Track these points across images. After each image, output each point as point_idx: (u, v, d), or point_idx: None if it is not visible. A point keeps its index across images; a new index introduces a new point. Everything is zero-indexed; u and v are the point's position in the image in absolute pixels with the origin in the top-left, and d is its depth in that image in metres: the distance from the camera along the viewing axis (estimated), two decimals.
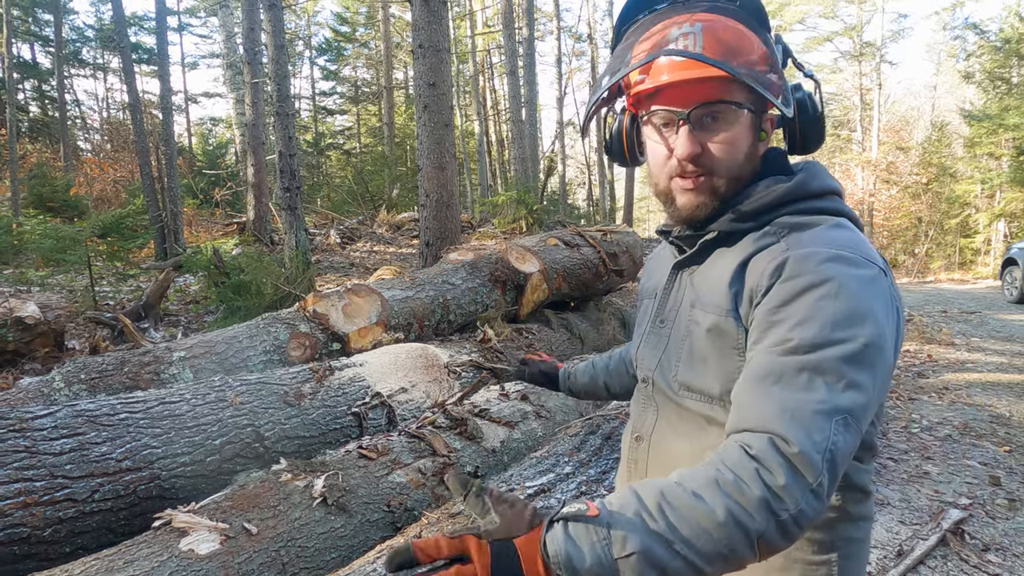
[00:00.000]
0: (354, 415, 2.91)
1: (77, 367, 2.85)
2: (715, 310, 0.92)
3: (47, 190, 10.94)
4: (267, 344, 3.35)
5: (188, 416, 2.35)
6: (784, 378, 0.78)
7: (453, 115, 6.01)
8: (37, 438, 1.97)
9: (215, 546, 1.79)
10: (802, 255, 0.85)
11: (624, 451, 1.12)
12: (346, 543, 2.07)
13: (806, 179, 0.96)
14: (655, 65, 0.94)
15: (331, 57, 26.47)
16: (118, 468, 2.06)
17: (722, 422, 0.91)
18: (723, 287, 0.92)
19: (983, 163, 20.96)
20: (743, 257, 0.92)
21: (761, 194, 0.95)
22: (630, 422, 1.11)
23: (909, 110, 31.81)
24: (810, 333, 0.79)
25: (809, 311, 0.80)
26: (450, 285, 4.28)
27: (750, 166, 0.97)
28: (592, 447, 2.20)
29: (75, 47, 22.50)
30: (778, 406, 0.76)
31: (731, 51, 0.88)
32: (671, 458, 0.98)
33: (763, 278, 0.87)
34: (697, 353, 0.95)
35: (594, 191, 21.09)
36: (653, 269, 1.18)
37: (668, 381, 0.99)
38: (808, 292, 0.82)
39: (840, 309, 0.80)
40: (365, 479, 2.29)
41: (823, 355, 0.78)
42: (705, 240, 0.98)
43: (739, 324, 0.89)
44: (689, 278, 1.01)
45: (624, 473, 1.10)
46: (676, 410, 0.99)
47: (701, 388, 0.94)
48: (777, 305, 0.83)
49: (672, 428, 1.00)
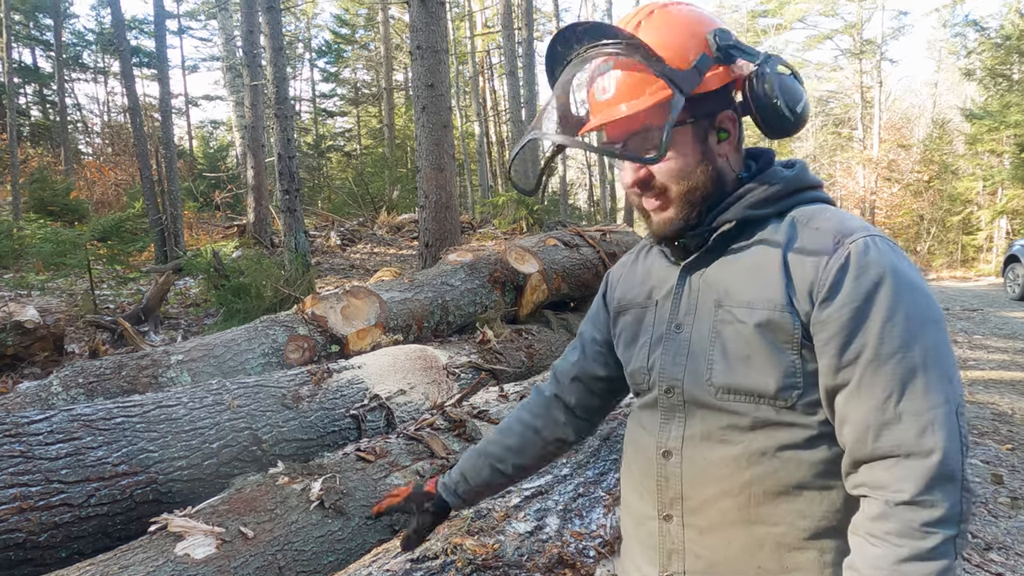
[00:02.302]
0: (352, 417, 2.90)
1: (75, 371, 2.85)
2: (765, 304, 0.89)
3: (48, 194, 10.95)
4: (265, 347, 3.35)
5: (185, 420, 2.34)
6: (900, 388, 0.81)
7: (452, 116, 6.00)
8: (33, 443, 1.96)
9: (211, 550, 1.78)
10: (860, 246, 0.86)
11: (642, 470, 1.03)
12: (343, 546, 2.06)
13: (803, 170, 0.99)
14: (592, 104, 0.98)
15: (331, 59, 26.49)
16: (114, 472, 2.05)
17: (773, 421, 0.90)
18: (769, 281, 0.90)
19: (985, 160, 20.92)
20: (781, 249, 0.91)
21: (772, 184, 0.96)
22: (643, 439, 1.03)
23: (910, 107, 31.76)
24: (903, 327, 0.82)
25: (891, 304, 0.83)
26: (449, 286, 4.27)
27: (710, 172, 0.96)
28: (590, 448, 2.19)
29: (76, 51, 22.54)
30: (910, 423, 0.80)
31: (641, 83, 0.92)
32: (711, 467, 0.94)
33: (826, 273, 0.86)
34: (735, 352, 0.92)
35: (595, 191, 21.09)
36: (632, 280, 1.14)
37: (702, 386, 0.94)
38: (881, 285, 0.83)
39: (913, 292, 0.84)
40: (363, 481, 2.28)
41: (924, 349, 0.82)
42: (721, 233, 0.96)
43: (795, 318, 0.88)
44: (701, 279, 0.99)
45: (649, 493, 1.01)
46: (714, 415, 0.94)
47: (749, 388, 0.90)
48: (859, 304, 0.84)
49: (708, 435, 0.94)
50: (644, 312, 1.07)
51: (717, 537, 0.93)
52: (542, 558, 1.62)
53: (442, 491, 1.30)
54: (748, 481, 0.90)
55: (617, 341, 1.14)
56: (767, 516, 0.90)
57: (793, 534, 0.89)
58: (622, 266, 1.20)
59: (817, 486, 0.89)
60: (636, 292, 1.10)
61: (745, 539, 0.91)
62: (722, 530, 0.93)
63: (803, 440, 0.89)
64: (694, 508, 0.95)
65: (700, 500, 0.94)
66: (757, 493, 0.90)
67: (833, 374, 0.86)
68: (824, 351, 0.86)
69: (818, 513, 0.89)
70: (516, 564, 1.57)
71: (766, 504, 0.90)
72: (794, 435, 0.89)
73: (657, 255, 1.10)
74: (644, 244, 1.18)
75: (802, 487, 0.89)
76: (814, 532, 0.89)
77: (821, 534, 0.89)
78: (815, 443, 0.89)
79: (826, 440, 0.89)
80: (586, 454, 2.16)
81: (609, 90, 0.94)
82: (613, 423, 2.38)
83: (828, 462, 0.89)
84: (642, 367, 1.04)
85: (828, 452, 0.89)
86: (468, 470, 1.29)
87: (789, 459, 0.89)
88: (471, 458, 1.30)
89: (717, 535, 0.93)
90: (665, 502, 0.98)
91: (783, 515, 0.90)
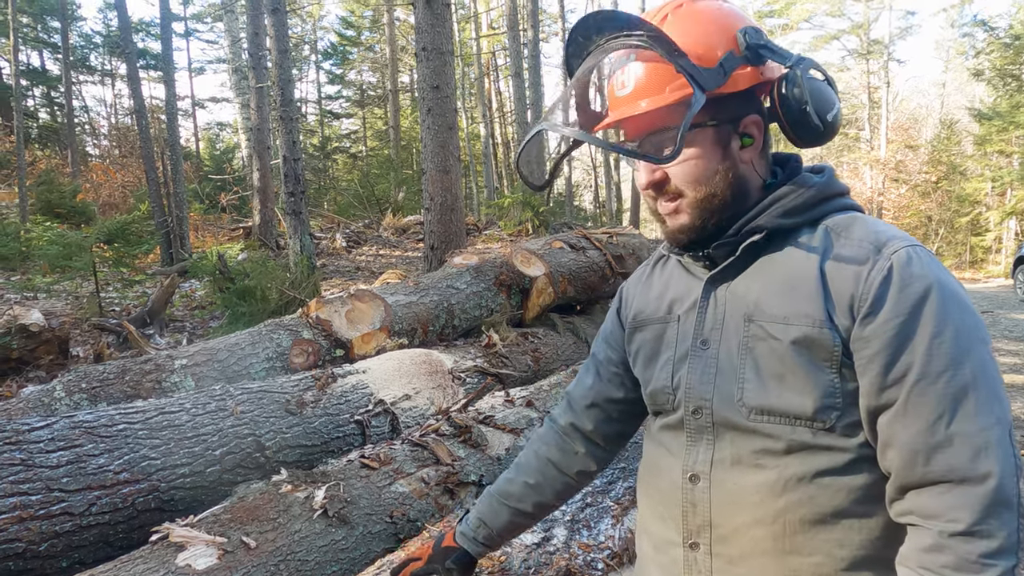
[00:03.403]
0: (357, 423, 2.88)
1: (78, 376, 2.83)
2: (802, 320, 0.84)
3: (55, 196, 10.99)
4: (269, 351, 3.32)
5: (188, 426, 2.32)
6: (952, 409, 0.77)
7: (458, 118, 5.98)
8: (33, 451, 1.94)
9: (213, 561, 1.76)
10: (903, 258, 0.82)
11: (665, 495, 0.97)
12: (347, 556, 2.03)
13: (832, 176, 0.94)
14: (612, 99, 0.93)
15: (336, 61, 26.55)
16: (116, 480, 2.03)
17: (810, 444, 0.84)
18: (806, 295, 0.85)
19: (993, 161, 20.78)
20: (817, 260, 0.86)
21: (802, 191, 0.91)
22: (666, 461, 0.98)
23: (918, 108, 31.61)
24: (951, 344, 0.78)
25: (938, 319, 0.79)
26: (454, 289, 4.24)
27: (730, 179, 0.92)
28: None
29: (83, 53, 22.65)
30: (963, 446, 0.76)
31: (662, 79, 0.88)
32: (743, 493, 0.88)
33: (868, 287, 0.81)
34: (768, 371, 0.86)
35: (600, 193, 21.04)
36: (649, 293, 1.07)
37: (733, 407, 0.89)
38: (927, 299, 0.79)
39: (959, 307, 0.80)
40: (367, 489, 2.25)
41: (974, 366, 0.78)
42: (750, 243, 0.90)
43: (835, 334, 0.83)
44: (727, 292, 0.93)
45: (673, 519, 0.95)
46: (746, 438, 0.88)
47: (784, 409, 0.85)
48: (904, 320, 0.79)
49: (740, 460, 0.89)
50: (665, 328, 1.01)
51: (748, 567, 0.88)
52: (549, 571, 1.59)
53: (462, 542, 1.21)
54: (783, 508, 0.85)
55: (634, 360, 1.08)
56: (803, 546, 0.85)
57: (830, 564, 0.84)
58: (637, 279, 1.14)
59: (856, 513, 0.84)
60: (655, 306, 1.04)
61: (779, 570, 0.86)
62: (754, 560, 0.87)
63: (842, 465, 0.84)
64: (724, 536, 0.89)
65: (730, 528, 0.89)
66: (792, 521, 0.85)
67: (877, 394, 0.81)
68: (867, 369, 0.81)
69: (856, 542, 0.84)
70: None
71: (802, 533, 0.85)
72: (833, 459, 0.84)
73: (676, 266, 1.04)
74: (660, 255, 1.11)
75: (840, 515, 0.84)
76: (852, 562, 0.84)
77: (860, 564, 0.84)
78: (854, 468, 0.84)
79: (866, 464, 0.84)
80: None
81: (628, 85, 0.90)
82: None
83: (868, 488, 0.84)
84: (665, 386, 0.98)
85: (868, 478, 0.84)
86: (486, 514, 1.21)
87: (827, 485, 0.84)
88: (488, 501, 1.22)
89: (748, 565, 0.88)
90: (692, 529, 0.92)
91: (820, 545, 0.84)
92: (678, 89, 0.86)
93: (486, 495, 1.23)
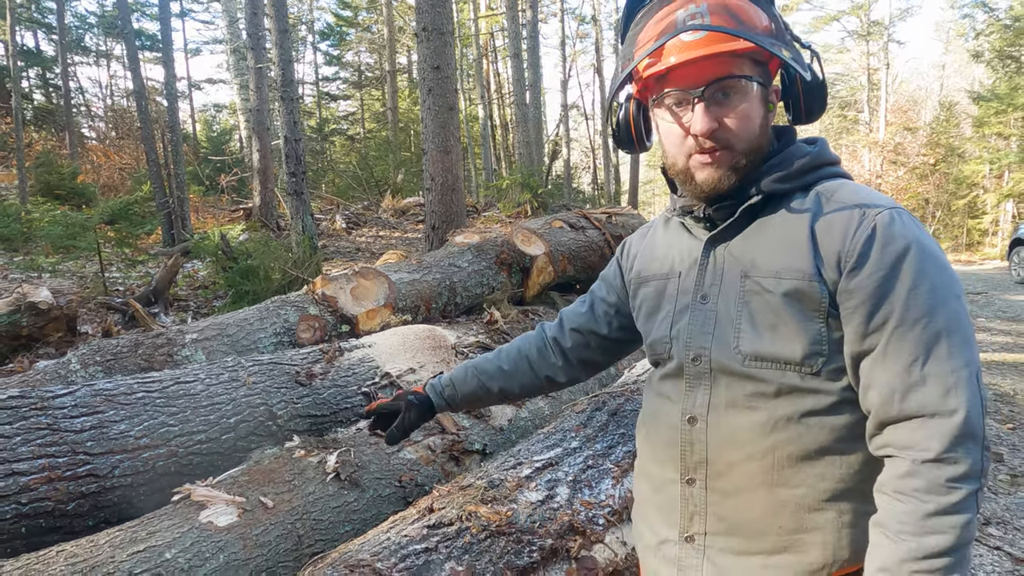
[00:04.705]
0: (364, 395, 2.96)
1: (92, 349, 2.91)
2: (793, 275, 0.93)
3: (54, 178, 10.97)
4: (277, 326, 3.40)
5: (203, 395, 2.40)
6: (925, 352, 0.86)
7: (458, 99, 6.00)
8: (58, 416, 2.02)
9: (233, 519, 1.85)
10: (886, 219, 0.90)
11: (664, 437, 1.06)
12: (359, 516, 2.13)
13: (825, 146, 1.02)
14: (664, 48, 0.96)
15: (334, 42, 26.33)
16: (136, 445, 2.11)
17: (798, 388, 0.93)
18: (797, 252, 0.93)
19: (992, 143, 20.79)
20: (808, 221, 0.94)
21: (797, 159, 0.99)
22: (666, 407, 1.06)
23: (917, 90, 31.49)
24: (927, 295, 0.87)
25: (916, 273, 0.87)
26: (456, 268, 4.32)
27: (764, 138, 1.00)
28: (598, 423, 2.24)
29: (78, 34, 22.43)
30: (934, 384, 0.85)
31: (740, 24, 0.91)
32: (736, 432, 0.97)
33: (853, 244, 0.89)
34: (762, 321, 0.95)
35: (599, 175, 21.03)
36: (652, 252, 1.16)
37: (729, 354, 0.97)
38: (907, 255, 0.88)
39: (936, 264, 0.88)
40: (376, 455, 2.34)
41: (947, 316, 0.86)
42: (748, 205, 0.98)
43: (823, 287, 0.91)
44: (726, 251, 1.01)
45: (671, 459, 1.04)
46: (739, 382, 0.97)
47: (776, 355, 0.94)
48: (885, 273, 0.88)
49: (734, 402, 0.97)
50: (666, 284, 1.10)
51: (740, 500, 0.97)
52: (554, 525, 1.67)
53: (429, 391, 1.42)
54: (772, 446, 0.94)
55: (637, 313, 1.17)
56: (789, 479, 0.94)
57: (813, 496, 0.93)
58: (641, 236, 1.23)
59: (838, 450, 0.93)
60: (657, 265, 1.13)
61: (767, 501, 0.95)
62: (745, 492, 0.96)
63: (826, 406, 0.93)
64: (718, 472, 0.98)
65: (724, 464, 0.98)
66: (781, 457, 0.94)
67: (860, 340, 0.90)
68: (851, 318, 0.90)
69: (837, 476, 0.93)
70: (529, 530, 1.63)
71: (789, 467, 0.94)
72: (818, 401, 0.93)
73: (677, 229, 1.12)
74: (664, 216, 1.20)
75: (824, 451, 0.93)
76: (833, 494, 0.93)
77: (839, 496, 0.93)
78: (838, 409, 0.93)
79: (848, 406, 0.93)
80: (595, 428, 2.21)
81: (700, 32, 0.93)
82: (620, 399, 2.43)
83: (849, 427, 0.93)
84: (664, 337, 1.07)
85: (850, 418, 0.93)
86: (457, 379, 1.40)
87: (813, 424, 0.93)
88: (464, 369, 1.40)
89: (740, 498, 0.97)
90: (689, 466, 1.01)
91: (805, 478, 0.93)
92: (743, 43, 0.92)
93: (463, 366, 1.42)
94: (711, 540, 1.00)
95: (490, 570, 1.51)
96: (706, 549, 1.00)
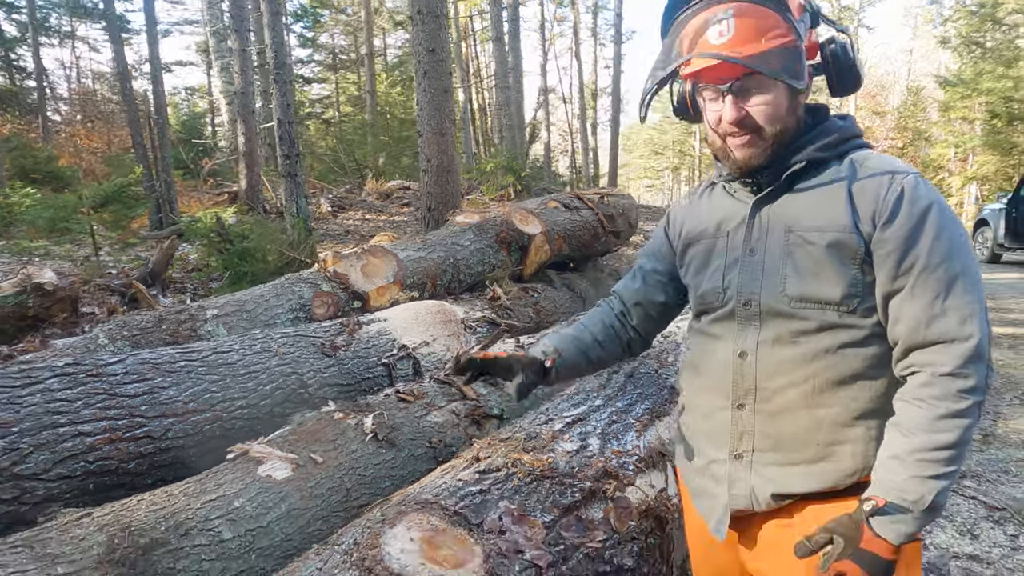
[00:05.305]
0: (384, 366, 3.10)
1: (119, 324, 3.00)
2: (835, 228, 1.09)
3: (29, 162, 10.79)
4: (293, 303, 3.51)
5: (240, 364, 2.52)
6: (946, 290, 1.03)
7: (452, 81, 6.09)
8: (113, 382, 2.13)
9: (288, 473, 1.99)
10: (912, 182, 1.07)
11: (716, 371, 1.22)
12: (397, 473, 2.28)
13: (854, 122, 1.19)
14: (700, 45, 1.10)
15: (307, 24, 25.90)
16: (185, 409, 2.23)
17: (836, 324, 1.10)
18: (838, 209, 1.09)
19: (957, 127, 21.41)
20: (846, 184, 1.11)
21: (833, 132, 1.16)
22: (716, 346, 1.22)
23: (885, 75, 32.18)
24: (946, 244, 1.04)
25: (937, 227, 1.05)
26: (459, 246, 4.45)
27: (792, 118, 1.15)
28: (617, 384, 2.41)
29: (43, 13, 21.75)
30: (953, 315, 1.03)
31: (759, 31, 1.07)
32: (782, 363, 1.13)
33: (886, 203, 1.07)
34: (806, 268, 1.11)
35: (577, 158, 21.19)
36: (699, 216, 1.31)
37: (777, 297, 1.13)
38: (929, 212, 1.05)
39: (952, 221, 1.06)
40: (407, 419, 2.49)
41: (962, 261, 1.04)
42: (792, 172, 1.14)
43: (860, 239, 1.07)
44: (770, 211, 1.18)
45: (722, 390, 1.20)
46: (785, 322, 1.13)
47: (819, 297, 1.10)
48: (913, 226, 1.05)
49: (780, 338, 1.14)
50: (715, 242, 1.26)
51: (784, 419, 1.15)
52: (590, 470, 1.84)
53: (535, 354, 1.39)
54: (813, 373, 1.12)
55: (686, 270, 1.33)
56: (826, 401, 1.12)
57: (846, 414, 1.11)
58: (684, 206, 1.39)
59: (867, 376, 1.11)
60: (705, 226, 1.29)
61: (807, 420, 1.13)
62: (788, 414, 1.14)
63: (859, 339, 1.10)
64: (766, 397, 1.16)
65: (771, 390, 1.15)
66: (820, 383, 1.11)
67: (891, 281, 1.07)
68: (884, 263, 1.07)
69: (866, 397, 1.11)
70: (569, 475, 1.80)
71: (826, 391, 1.11)
72: (852, 335, 1.10)
73: (721, 194, 1.28)
74: (705, 185, 1.37)
75: (856, 377, 1.11)
76: (862, 413, 1.11)
77: (868, 414, 1.11)
78: (868, 341, 1.11)
79: (876, 339, 1.11)
80: (614, 389, 2.38)
81: (726, 34, 1.06)
82: (634, 363, 2.60)
83: (877, 357, 1.11)
84: (716, 287, 1.23)
85: (878, 349, 1.11)
86: (561, 347, 1.41)
87: (848, 354, 1.11)
88: (559, 338, 1.43)
89: (784, 418, 1.15)
90: (739, 394, 1.19)
91: (839, 400, 1.11)
92: (776, 38, 1.07)
93: (559, 336, 1.44)
94: (758, 456, 1.18)
95: (539, 508, 1.67)
96: (753, 464, 1.18)
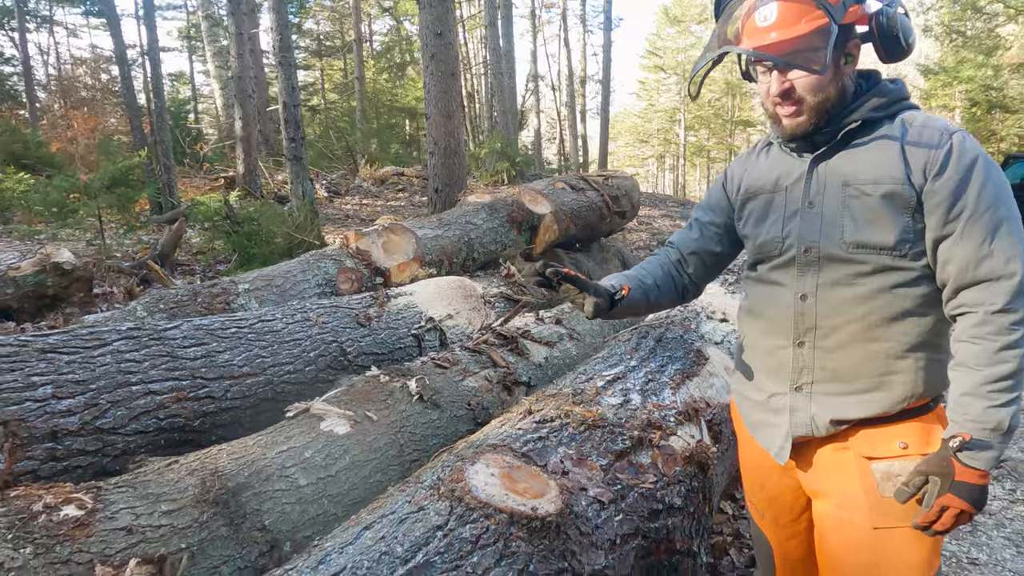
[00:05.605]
0: (414, 336, 3.21)
1: (155, 298, 3.08)
2: (890, 181, 1.21)
3: (19, 147, 10.68)
4: (319, 278, 3.61)
5: (285, 332, 2.62)
6: (992, 233, 1.16)
7: (459, 65, 6.16)
8: (174, 346, 2.22)
9: (348, 428, 2.10)
10: (960, 138, 1.20)
11: (777, 312, 1.34)
12: (442, 432, 2.40)
13: (903, 85, 1.32)
14: (747, 28, 1.26)
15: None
16: (240, 373, 2.33)
17: (889, 267, 1.23)
18: (892, 164, 1.22)
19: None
20: (899, 141, 1.23)
21: (886, 94, 1.29)
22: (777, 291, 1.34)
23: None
24: (992, 193, 1.17)
25: (983, 178, 1.18)
26: (473, 225, 4.56)
27: (836, 86, 1.27)
28: (647, 347, 2.55)
29: None
30: (999, 256, 1.16)
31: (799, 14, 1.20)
32: (840, 303, 1.26)
33: (936, 157, 1.19)
34: (862, 217, 1.23)
35: (566, 145, 21.27)
36: (757, 172, 1.44)
37: (835, 244, 1.25)
38: (976, 164, 1.18)
39: (996, 172, 1.19)
40: (446, 383, 2.61)
41: (1006, 208, 1.18)
42: (848, 130, 1.27)
43: (912, 190, 1.20)
44: (826, 167, 1.30)
45: (783, 329, 1.33)
46: (843, 266, 1.25)
47: (874, 243, 1.22)
48: (961, 177, 1.18)
49: (838, 281, 1.26)
50: (773, 196, 1.39)
51: (841, 353, 1.28)
52: (635, 421, 1.98)
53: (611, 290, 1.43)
54: (868, 311, 1.25)
55: (744, 222, 1.46)
56: (880, 335, 1.25)
57: (898, 348, 1.25)
58: (741, 163, 1.52)
59: (917, 313, 1.25)
60: (764, 181, 1.41)
61: (862, 353, 1.27)
62: (845, 348, 1.28)
63: (910, 280, 1.24)
64: (825, 335, 1.29)
65: (829, 328, 1.29)
66: (874, 320, 1.25)
67: (941, 227, 1.20)
68: (935, 211, 1.20)
69: (915, 332, 1.25)
70: (618, 424, 1.93)
71: (880, 327, 1.25)
72: (904, 276, 1.24)
73: (778, 152, 1.41)
74: (762, 144, 1.49)
75: (906, 314, 1.25)
76: (912, 346, 1.25)
77: (917, 348, 1.25)
78: (919, 282, 1.24)
79: (925, 280, 1.24)
80: (645, 351, 2.51)
81: (770, 18, 1.21)
82: (660, 329, 2.74)
83: (925, 296, 1.24)
84: (776, 237, 1.36)
85: (926, 288, 1.24)
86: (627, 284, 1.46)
87: (899, 294, 1.24)
88: (625, 279, 1.49)
89: (841, 352, 1.28)
90: (800, 332, 1.32)
91: (892, 335, 1.25)
92: (812, 20, 1.20)
93: (623, 276, 1.52)
94: (817, 387, 1.31)
95: (594, 452, 1.81)
96: (812, 395, 1.32)
